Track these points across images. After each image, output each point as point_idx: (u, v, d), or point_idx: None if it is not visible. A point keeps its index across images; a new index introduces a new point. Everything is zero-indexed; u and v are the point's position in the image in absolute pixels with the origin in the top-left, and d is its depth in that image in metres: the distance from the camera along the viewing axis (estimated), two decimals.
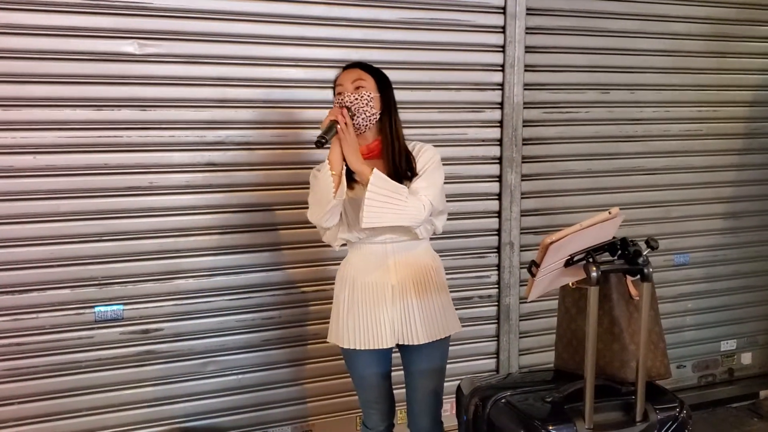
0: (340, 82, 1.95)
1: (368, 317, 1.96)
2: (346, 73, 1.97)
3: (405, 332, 1.97)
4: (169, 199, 2.43)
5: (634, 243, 1.67)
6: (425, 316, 1.98)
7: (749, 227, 3.44)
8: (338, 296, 2.03)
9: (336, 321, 2.02)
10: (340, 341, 2.00)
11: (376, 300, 1.95)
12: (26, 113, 2.24)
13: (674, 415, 1.70)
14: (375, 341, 1.96)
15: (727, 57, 3.27)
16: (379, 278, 1.95)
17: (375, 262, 1.96)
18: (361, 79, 1.94)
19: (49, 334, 2.33)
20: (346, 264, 2.04)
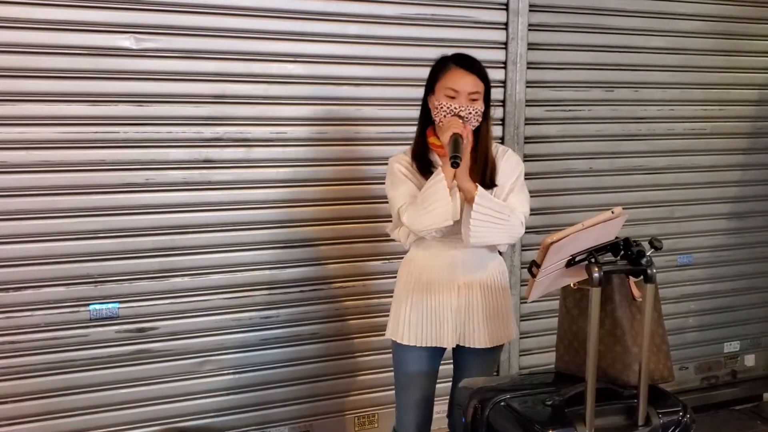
0: (458, 87, 1.86)
1: (432, 314, 1.95)
2: (462, 77, 1.88)
3: (467, 334, 1.97)
4: (165, 196, 2.40)
5: (638, 243, 1.64)
6: (488, 320, 1.97)
7: (754, 228, 3.41)
8: (401, 292, 2.01)
9: (396, 317, 2.00)
10: (399, 337, 1.98)
11: (441, 298, 1.94)
12: (21, 108, 2.21)
13: (677, 419, 1.67)
14: (436, 339, 1.95)
15: (733, 55, 3.23)
16: (447, 276, 1.94)
17: (444, 260, 1.95)
18: (478, 92, 1.90)
19: (43, 332, 2.31)
20: (411, 261, 2.02)
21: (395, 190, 1.93)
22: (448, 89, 1.88)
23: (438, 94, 1.90)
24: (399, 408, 2.07)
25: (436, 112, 1.89)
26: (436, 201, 1.82)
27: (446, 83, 1.88)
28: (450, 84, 1.88)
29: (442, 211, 1.82)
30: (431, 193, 1.82)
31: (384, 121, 2.66)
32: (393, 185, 1.95)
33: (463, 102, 1.87)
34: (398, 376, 2.05)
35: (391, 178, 1.97)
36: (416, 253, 2.01)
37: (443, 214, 1.82)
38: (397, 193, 1.92)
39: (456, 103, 1.87)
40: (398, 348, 2.01)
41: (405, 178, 1.93)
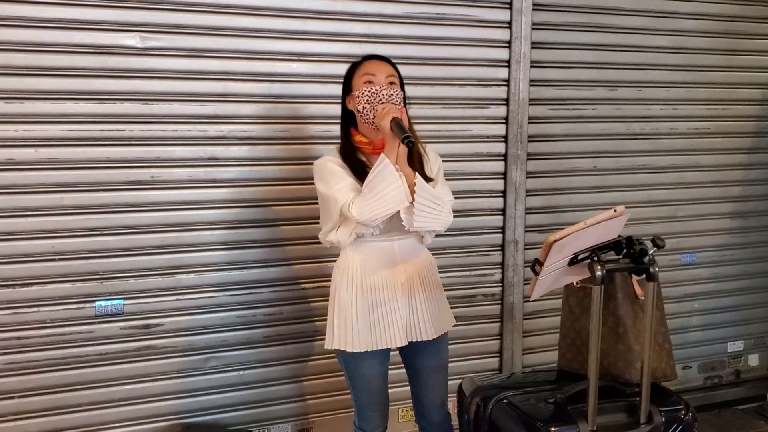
0: (372, 71, 1.92)
1: (381, 317, 1.93)
2: (377, 64, 1.94)
3: (414, 329, 1.97)
4: (171, 193, 2.41)
5: (640, 242, 1.64)
6: (431, 312, 1.99)
7: (757, 227, 3.40)
8: (344, 299, 1.95)
9: (342, 325, 1.94)
10: (349, 345, 1.93)
11: (387, 299, 1.93)
12: (28, 106, 2.23)
13: (679, 417, 1.68)
14: (388, 341, 1.93)
15: (737, 54, 3.23)
16: (389, 277, 1.93)
17: (383, 261, 1.94)
18: (393, 76, 1.94)
19: (49, 328, 2.32)
20: (348, 264, 1.96)
21: (332, 186, 1.87)
22: (366, 75, 1.92)
23: (356, 84, 1.93)
24: (361, 410, 2.05)
25: (358, 101, 1.90)
26: (388, 186, 1.79)
27: (362, 71, 1.93)
28: (366, 70, 1.93)
29: (397, 194, 1.80)
30: (381, 178, 1.80)
31: None
32: (329, 183, 1.88)
33: (383, 82, 1.90)
34: (355, 382, 2.02)
35: (326, 176, 1.90)
36: (352, 257, 1.95)
37: (398, 196, 1.80)
38: (334, 189, 1.86)
39: (375, 85, 1.89)
40: (350, 356, 1.96)
41: (344, 173, 1.89)
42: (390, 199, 1.80)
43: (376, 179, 1.81)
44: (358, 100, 1.91)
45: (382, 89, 1.89)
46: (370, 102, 1.88)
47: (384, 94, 1.88)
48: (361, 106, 1.90)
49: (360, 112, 1.92)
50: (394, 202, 1.81)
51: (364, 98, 1.89)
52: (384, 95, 1.88)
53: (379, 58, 1.99)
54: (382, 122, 1.81)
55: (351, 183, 1.88)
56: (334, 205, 1.87)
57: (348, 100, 1.98)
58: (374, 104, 1.88)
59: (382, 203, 1.81)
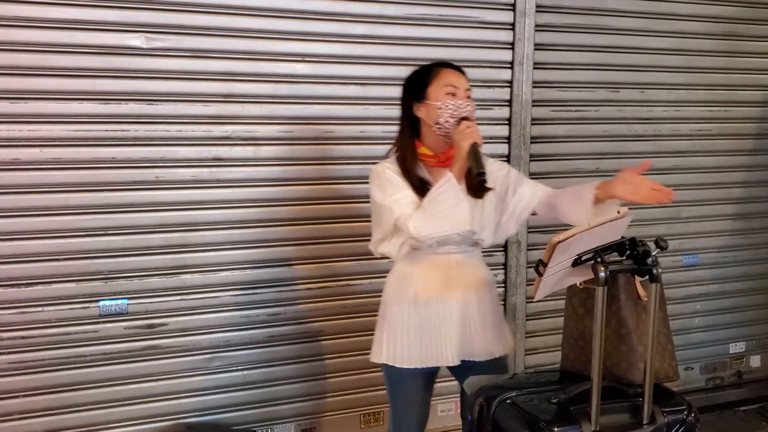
0: (454, 83, 1.83)
1: (433, 334, 1.86)
2: (457, 76, 1.86)
3: (468, 349, 1.89)
4: (175, 193, 2.42)
5: (643, 243, 1.64)
6: (487, 332, 1.91)
7: (760, 229, 3.41)
8: (395, 312, 1.88)
9: (392, 339, 1.88)
10: (398, 361, 1.87)
11: (441, 315, 1.86)
12: (33, 106, 2.23)
13: (682, 418, 1.68)
14: (440, 359, 1.87)
15: (738, 56, 3.23)
16: (444, 292, 1.86)
17: (439, 275, 1.87)
18: (469, 90, 1.87)
19: (54, 327, 2.33)
20: (401, 276, 1.90)
21: (390, 195, 1.80)
22: (448, 86, 1.83)
23: (436, 94, 1.83)
24: (396, 422, 1.99)
25: (439, 112, 1.81)
26: (452, 206, 1.72)
27: (443, 82, 1.84)
28: (448, 81, 1.84)
29: (460, 217, 1.73)
30: (446, 197, 1.73)
31: (390, 121, 2.66)
32: (386, 191, 1.81)
33: (463, 97, 1.84)
34: (398, 398, 1.96)
35: (384, 184, 1.83)
36: (406, 269, 1.90)
37: (461, 219, 1.74)
38: (391, 199, 1.79)
39: (458, 99, 1.82)
40: (396, 371, 1.90)
41: (402, 183, 1.82)
42: (452, 219, 1.73)
43: (441, 197, 1.73)
44: (440, 112, 1.81)
45: (467, 104, 1.82)
46: (453, 116, 1.80)
47: (468, 110, 1.81)
48: (443, 119, 1.81)
49: (439, 125, 1.82)
50: (456, 224, 1.74)
51: (447, 111, 1.81)
52: (468, 111, 1.81)
53: (456, 68, 1.89)
54: (463, 142, 1.74)
55: (409, 195, 1.80)
56: (388, 215, 1.79)
57: (417, 107, 1.87)
58: (456, 118, 1.80)
59: (443, 223, 1.74)
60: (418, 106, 1.88)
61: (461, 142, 1.75)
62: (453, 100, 1.82)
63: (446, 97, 1.83)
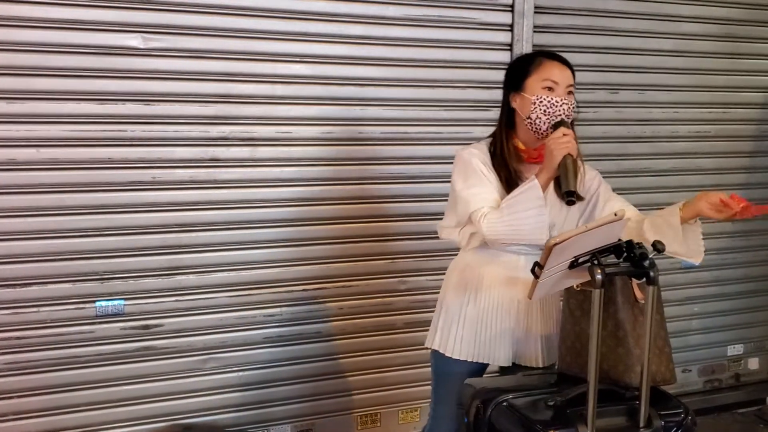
0: (555, 78, 1.73)
1: (489, 331, 1.82)
2: (560, 69, 1.76)
3: (523, 352, 1.86)
4: (171, 194, 2.41)
5: (641, 245, 1.64)
6: (546, 339, 1.87)
7: (759, 230, 3.40)
8: (453, 303, 1.86)
9: (447, 328, 1.86)
10: (449, 350, 1.85)
11: (500, 314, 1.82)
12: (30, 106, 2.23)
13: (679, 421, 1.67)
14: (490, 356, 1.84)
15: (738, 58, 3.23)
16: (507, 292, 1.82)
17: (505, 274, 1.82)
18: (572, 86, 1.77)
19: (49, 328, 2.32)
20: (466, 269, 1.86)
21: (471, 187, 1.73)
22: (547, 80, 1.73)
23: (533, 87, 1.74)
24: (436, 418, 1.95)
25: (533, 108, 1.72)
26: (531, 216, 1.65)
27: (543, 75, 1.74)
28: (548, 75, 1.74)
29: (538, 227, 1.66)
30: (525, 202, 1.65)
31: (388, 122, 2.67)
32: (468, 181, 1.74)
33: (562, 94, 1.73)
34: (439, 389, 1.92)
35: (468, 173, 1.75)
36: (472, 262, 1.84)
37: (539, 230, 1.66)
38: (471, 191, 1.73)
39: (556, 95, 1.72)
40: (444, 361, 1.86)
41: (485, 177, 1.75)
42: (528, 229, 1.66)
43: (520, 201, 1.66)
44: (533, 107, 1.73)
45: (563, 102, 1.72)
46: (547, 114, 1.72)
47: (564, 110, 1.72)
48: (535, 115, 1.74)
49: (531, 120, 1.75)
50: (531, 234, 1.67)
51: (541, 107, 1.72)
52: (564, 110, 1.72)
53: (561, 60, 1.79)
54: (556, 151, 1.65)
55: (491, 192, 1.74)
56: (464, 207, 1.74)
57: (513, 98, 1.80)
58: (551, 116, 1.72)
59: (519, 230, 1.67)
60: (515, 96, 1.80)
61: (554, 151, 1.66)
62: (549, 96, 1.73)
63: (543, 92, 1.74)
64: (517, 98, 1.79)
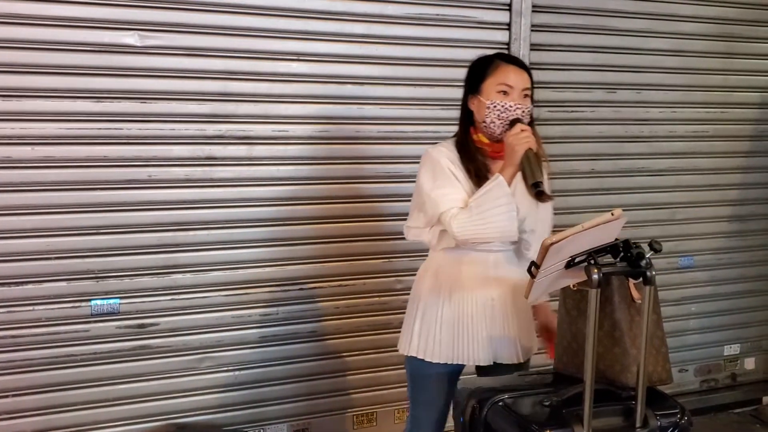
0: (510, 82, 1.75)
1: (466, 331, 1.83)
2: (516, 73, 1.77)
3: (501, 350, 1.86)
4: (167, 192, 2.41)
5: (637, 245, 1.63)
6: (521, 335, 1.88)
7: (755, 230, 3.40)
8: (429, 306, 1.85)
9: (425, 333, 1.85)
10: (428, 354, 1.84)
11: (476, 313, 1.83)
12: (25, 104, 2.22)
13: (675, 421, 1.67)
14: (471, 356, 1.83)
15: (735, 58, 3.23)
16: (481, 290, 1.82)
17: (477, 272, 1.83)
18: (529, 89, 1.79)
19: (44, 326, 2.31)
20: (438, 269, 1.86)
21: (439, 187, 1.74)
22: (502, 85, 1.75)
23: (488, 91, 1.76)
24: (418, 424, 1.95)
25: (487, 112, 1.75)
26: (500, 212, 1.67)
27: (498, 79, 1.76)
28: (503, 79, 1.75)
29: (508, 223, 1.68)
30: (494, 200, 1.67)
31: (386, 120, 2.67)
32: (436, 181, 1.75)
33: (517, 98, 1.75)
34: (417, 393, 1.92)
35: (435, 173, 1.76)
36: (443, 262, 1.85)
37: (508, 225, 1.69)
38: (440, 192, 1.74)
39: (510, 100, 1.75)
40: (422, 365, 1.86)
41: (453, 177, 1.76)
42: (497, 224, 1.68)
43: (488, 198, 1.68)
44: (487, 111, 1.76)
45: (516, 107, 1.74)
46: (501, 118, 1.75)
47: (517, 114, 1.74)
48: (490, 119, 1.76)
49: (486, 124, 1.78)
50: (501, 231, 1.70)
51: (495, 111, 1.75)
52: (517, 114, 1.74)
53: (518, 64, 1.81)
54: (517, 147, 1.67)
55: (459, 192, 1.75)
56: (434, 208, 1.75)
57: (472, 100, 1.82)
58: (504, 120, 1.75)
59: (487, 228, 1.69)
60: (472, 98, 1.83)
61: (516, 147, 1.68)
62: (503, 101, 1.75)
63: (498, 96, 1.75)
64: (475, 101, 1.82)
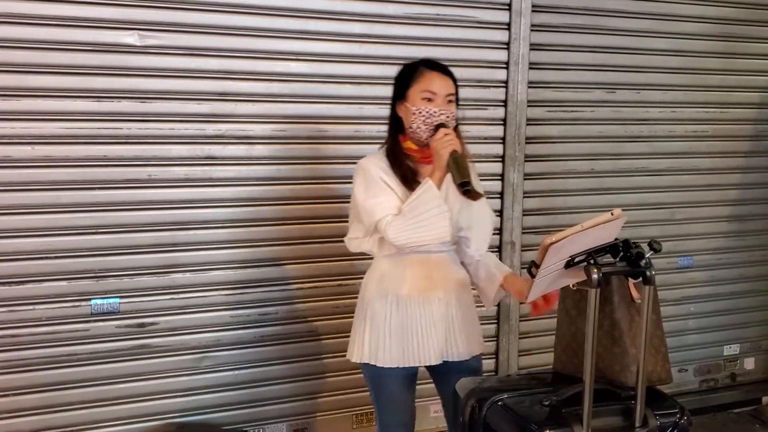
0: (434, 89, 1.81)
1: (415, 333, 1.86)
2: (440, 80, 1.82)
3: (449, 348, 1.90)
4: (167, 192, 2.41)
5: (637, 245, 1.64)
6: (467, 331, 1.92)
7: (755, 230, 3.41)
8: (377, 312, 1.88)
9: (375, 339, 1.87)
10: (380, 360, 1.86)
11: (423, 314, 1.86)
12: (25, 103, 2.22)
13: (675, 421, 1.68)
14: (422, 358, 1.87)
15: (735, 58, 3.23)
16: (425, 291, 1.86)
17: (420, 274, 1.86)
18: (453, 94, 1.84)
19: (44, 326, 2.31)
20: (382, 275, 1.89)
21: (372, 197, 1.80)
22: (426, 92, 1.81)
23: (413, 98, 1.82)
24: (385, 428, 1.98)
25: (413, 118, 1.81)
26: (433, 215, 1.73)
27: (422, 86, 1.82)
28: (427, 86, 1.81)
29: (441, 225, 1.74)
30: (424, 204, 1.73)
31: (385, 120, 2.65)
32: (369, 191, 1.81)
33: (441, 104, 1.81)
34: (382, 399, 1.94)
35: (369, 183, 1.82)
36: (386, 268, 1.89)
37: (442, 228, 1.75)
38: (374, 201, 1.79)
39: (434, 106, 1.80)
40: (378, 371, 1.89)
41: (385, 186, 1.81)
42: (431, 228, 1.74)
43: (420, 203, 1.73)
44: (413, 118, 1.81)
45: (441, 112, 1.80)
46: (426, 123, 1.80)
47: (442, 119, 1.79)
48: (416, 125, 1.81)
49: (413, 129, 1.83)
50: (435, 233, 1.75)
51: (420, 117, 1.80)
52: (442, 120, 1.79)
53: (441, 70, 1.86)
54: (442, 151, 1.74)
55: (393, 199, 1.80)
56: (369, 217, 1.80)
57: (399, 107, 1.87)
58: (429, 126, 1.80)
59: (422, 231, 1.74)
60: (400, 105, 1.88)
61: (440, 151, 1.75)
62: (427, 107, 1.80)
63: (422, 103, 1.81)
64: (402, 107, 1.87)
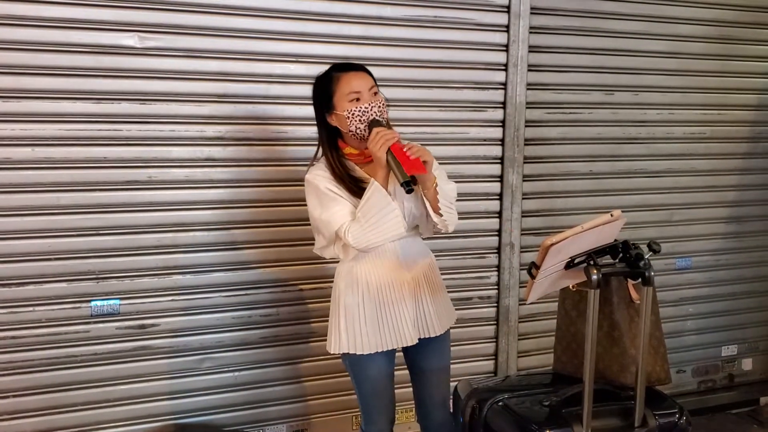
0: (356, 89, 1.85)
1: (389, 318, 1.92)
2: (357, 78, 1.87)
3: (423, 326, 1.97)
4: (167, 193, 2.41)
5: (636, 246, 1.65)
6: (438, 308, 1.99)
7: (752, 232, 3.41)
8: (350, 303, 1.93)
9: (351, 328, 1.93)
10: (358, 348, 1.92)
11: (395, 298, 1.92)
12: (25, 105, 2.22)
13: (674, 421, 1.69)
14: (398, 340, 1.93)
15: (733, 60, 3.24)
16: (394, 277, 1.93)
17: (387, 262, 1.93)
18: (374, 86, 1.90)
19: (45, 327, 2.31)
20: (351, 268, 1.94)
21: (327, 210, 1.86)
22: (351, 93, 1.85)
23: (341, 104, 1.86)
24: (368, 413, 2.03)
25: (349, 122, 1.85)
26: (384, 215, 1.79)
27: (344, 90, 1.86)
28: (349, 88, 1.86)
29: (394, 222, 1.80)
30: (375, 206, 1.79)
31: None
32: (322, 204, 1.87)
33: (368, 99, 1.86)
34: (363, 385, 1.99)
35: (319, 198, 1.88)
36: (354, 261, 1.93)
37: (396, 224, 1.80)
38: (329, 213, 1.85)
39: (363, 103, 1.85)
40: (357, 359, 1.95)
41: (336, 195, 1.87)
42: (386, 227, 1.80)
43: (371, 206, 1.80)
44: (349, 121, 1.86)
45: (371, 106, 1.86)
46: (363, 121, 1.86)
47: (374, 112, 1.85)
48: (354, 126, 1.86)
49: (353, 131, 1.88)
50: (391, 230, 1.81)
51: (355, 119, 1.85)
52: (375, 112, 1.85)
53: (354, 69, 1.92)
54: (378, 152, 1.77)
55: (346, 206, 1.86)
56: (328, 228, 1.87)
57: (330, 118, 1.92)
58: (365, 122, 1.86)
59: (380, 231, 1.81)
60: (330, 116, 1.92)
61: (376, 153, 1.78)
62: (358, 106, 1.85)
63: (351, 104, 1.85)
64: (333, 117, 1.91)
